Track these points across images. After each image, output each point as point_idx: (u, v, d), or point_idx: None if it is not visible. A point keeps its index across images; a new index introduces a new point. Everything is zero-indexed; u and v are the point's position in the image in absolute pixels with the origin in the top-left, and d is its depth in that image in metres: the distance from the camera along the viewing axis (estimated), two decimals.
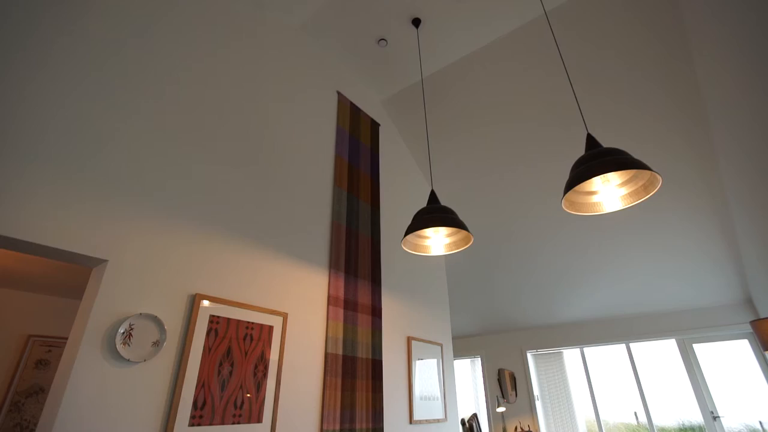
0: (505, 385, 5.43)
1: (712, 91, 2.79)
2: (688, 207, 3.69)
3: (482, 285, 5.27)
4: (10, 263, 2.99)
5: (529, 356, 5.50)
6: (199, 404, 1.80)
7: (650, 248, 4.07)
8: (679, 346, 4.50)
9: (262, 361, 2.13)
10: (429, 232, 2.26)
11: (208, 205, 2.18)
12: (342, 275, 2.87)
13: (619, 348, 4.90)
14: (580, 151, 3.72)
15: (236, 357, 2.01)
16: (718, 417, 4.11)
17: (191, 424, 1.75)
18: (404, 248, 2.22)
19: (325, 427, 2.35)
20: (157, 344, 1.73)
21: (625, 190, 1.81)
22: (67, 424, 1.44)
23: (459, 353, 6.13)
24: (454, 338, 6.23)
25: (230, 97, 2.52)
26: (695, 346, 4.45)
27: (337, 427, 2.43)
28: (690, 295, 4.33)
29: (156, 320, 1.75)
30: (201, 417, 1.79)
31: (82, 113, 1.78)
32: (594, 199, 1.87)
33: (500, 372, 5.54)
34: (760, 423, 3.94)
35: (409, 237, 2.21)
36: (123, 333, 1.63)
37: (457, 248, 2.26)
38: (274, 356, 2.20)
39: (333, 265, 2.82)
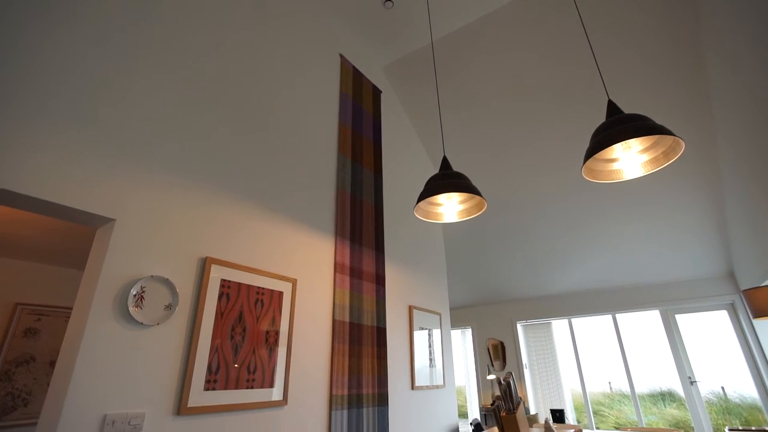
0: (490, 354, 5.60)
1: (717, 75, 2.79)
2: (682, 183, 3.76)
3: (475, 257, 5.32)
4: None
5: (519, 327, 5.66)
6: (214, 368, 1.77)
7: (639, 223, 4.16)
8: (662, 316, 4.69)
9: (273, 327, 2.10)
10: (442, 198, 2.21)
11: (216, 168, 2.08)
12: (347, 243, 2.82)
13: (606, 318, 5.08)
14: (578, 130, 3.70)
15: (248, 322, 1.97)
16: (695, 382, 4.35)
17: (206, 389, 1.72)
18: (417, 215, 2.18)
19: (334, 392, 2.36)
20: (169, 308, 1.67)
21: (646, 157, 1.78)
22: (81, 388, 1.38)
23: (451, 324, 6.25)
24: None
25: (236, 60, 2.38)
26: (677, 316, 4.65)
27: (345, 392, 2.45)
28: (675, 267, 4.48)
29: (168, 283, 1.68)
30: (216, 381, 1.76)
31: (93, 70, 1.65)
32: (614, 166, 1.85)
33: (487, 342, 5.70)
34: (722, 388, 4.24)
35: (421, 204, 2.16)
36: (135, 295, 1.56)
37: (470, 215, 2.22)
38: (284, 322, 2.17)
39: (339, 233, 2.77)
